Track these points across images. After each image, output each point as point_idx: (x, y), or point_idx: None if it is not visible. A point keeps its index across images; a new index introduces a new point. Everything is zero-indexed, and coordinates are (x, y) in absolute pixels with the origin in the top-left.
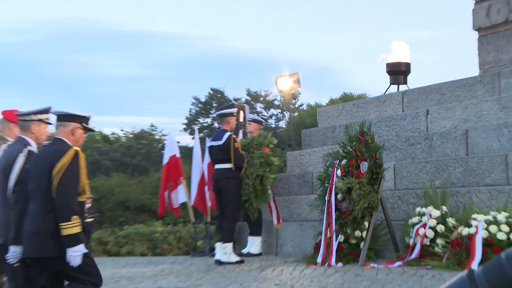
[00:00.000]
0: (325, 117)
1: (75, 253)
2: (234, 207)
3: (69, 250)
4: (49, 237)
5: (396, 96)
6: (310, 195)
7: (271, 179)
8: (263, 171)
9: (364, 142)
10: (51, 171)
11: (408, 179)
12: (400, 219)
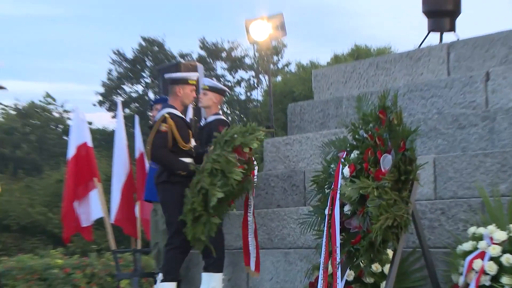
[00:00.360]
0: (325, 84)
1: None
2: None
3: None
4: None
5: (438, 50)
6: (300, 207)
7: (215, 200)
8: (209, 183)
9: (386, 123)
10: None
11: (456, 182)
12: (444, 246)
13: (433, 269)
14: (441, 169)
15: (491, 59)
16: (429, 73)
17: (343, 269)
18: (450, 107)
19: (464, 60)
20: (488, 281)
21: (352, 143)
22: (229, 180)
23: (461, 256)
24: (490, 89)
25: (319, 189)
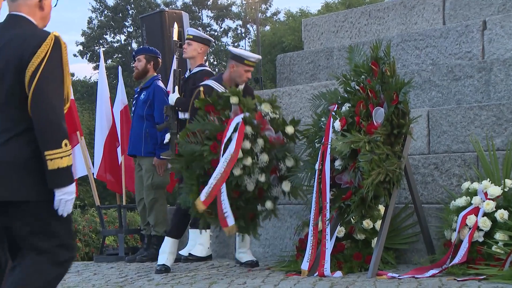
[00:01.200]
0: (315, 33)
1: (67, 196)
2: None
3: (60, 191)
4: (21, 170)
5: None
6: None
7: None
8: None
9: (379, 74)
10: (20, 70)
11: (450, 136)
12: (437, 201)
13: (425, 225)
14: (435, 122)
15: (488, 7)
16: (424, 22)
17: (333, 226)
18: (445, 58)
19: (460, 8)
20: (482, 237)
21: (344, 96)
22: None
23: (454, 212)
24: (487, 38)
25: (309, 143)
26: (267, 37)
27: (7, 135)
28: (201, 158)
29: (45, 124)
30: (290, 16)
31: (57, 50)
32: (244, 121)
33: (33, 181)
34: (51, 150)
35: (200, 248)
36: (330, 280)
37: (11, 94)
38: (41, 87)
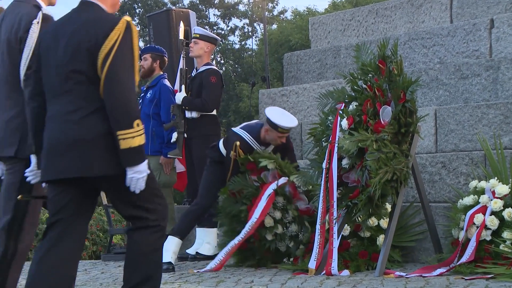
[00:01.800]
0: (322, 32)
1: (137, 175)
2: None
3: (131, 169)
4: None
5: None
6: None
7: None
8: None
9: (386, 73)
10: (93, 52)
11: (458, 134)
12: (444, 200)
13: (433, 224)
14: (443, 121)
15: (496, 5)
16: (431, 21)
17: (341, 225)
18: (452, 56)
19: (467, 6)
20: (489, 236)
21: (351, 94)
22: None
23: (462, 210)
24: (494, 37)
25: (317, 142)
26: (274, 36)
27: (82, 112)
28: (239, 217)
29: (117, 105)
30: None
31: (128, 34)
32: (276, 192)
33: (109, 156)
34: (123, 130)
35: (207, 247)
36: (337, 279)
37: (83, 75)
38: (113, 69)
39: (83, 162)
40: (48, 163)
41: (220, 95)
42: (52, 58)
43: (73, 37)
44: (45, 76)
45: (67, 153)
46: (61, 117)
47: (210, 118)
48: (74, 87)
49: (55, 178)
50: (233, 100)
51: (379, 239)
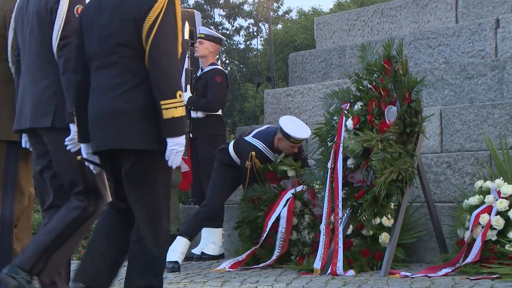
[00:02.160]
0: (327, 32)
1: (177, 147)
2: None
3: (172, 141)
4: (138, 120)
5: None
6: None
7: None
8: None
9: (391, 73)
10: (137, 24)
11: (463, 134)
12: (449, 200)
13: (438, 224)
14: (448, 121)
15: (501, 5)
16: (436, 21)
17: (346, 225)
18: (457, 56)
19: (473, 6)
20: (495, 236)
21: (356, 94)
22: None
23: (467, 210)
24: (500, 37)
25: (322, 142)
26: (279, 36)
27: (127, 85)
28: (256, 223)
29: (162, 75)
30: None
31: (171, 6)
32: (294, 196)
33: (149, 130)
34: (166, 100)
35: (212, 246)
36: (342, 279)
37: (129, 48)
38: (158, 41)
39: (119, 135)
40: (93, 134)
41: (226, 95)
42: (96, 31)
43: (117, 10)
44: (88, 49)
45: (107, 125)
46: (105, 90)
47: (216, 118)
48: (119, 60)
49: (96, 149)
50: (238, 100)
51: (381, 237)
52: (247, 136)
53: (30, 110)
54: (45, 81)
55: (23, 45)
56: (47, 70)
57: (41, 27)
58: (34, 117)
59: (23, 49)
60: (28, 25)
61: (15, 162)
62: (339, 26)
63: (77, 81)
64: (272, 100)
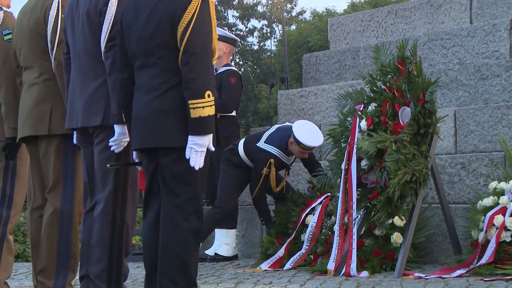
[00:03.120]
0: (341, 33)
1: (196, 147)
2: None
3: (193, 139)
4: (176, 119)
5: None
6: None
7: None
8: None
9: (405, 74)
10: (173, 25)
11: (477, 135)
12: (464, 201)
13: (452, 225)
14: (462, 122)
15: None
16: (451, 21)
17: (360, 226)
18: (472, 57)
19: (487, 7)
20: (509, 237)
21: (370, 95)
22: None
23: (481, 211)
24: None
25: (335, 143)
26: (292, 37)
27: (167, 85)
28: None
29: (191, 75)
30: (316, 16)
31: (205, 5)
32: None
33: (184, 128)
34: (194, 100)
35: (226, 248)
36: (356, 280)
37: (167, 49)
38: (191, 41)
39: (159, 134)
40: (135, 132)
41: (240, 96)
42: (134, 32)
43: (153, 11)
44: (130, 50)
45: (148, 124)
46: (146, 90)
47: (230, 119)
48: (158, 61)
49: (138, 147)
50: (252, 101)
51: (393, 237)
52: (260, 142)
53: (81, 109)
54: (96, 81)
55: (74, 44)
56: (98, 69)
57: (91, 28)
58: (86, 116)
59: (73, 48)
60: (79, 25)
61: (72, 157)
62: (353, 27)
63: (122, 79)
64: (285, 101)
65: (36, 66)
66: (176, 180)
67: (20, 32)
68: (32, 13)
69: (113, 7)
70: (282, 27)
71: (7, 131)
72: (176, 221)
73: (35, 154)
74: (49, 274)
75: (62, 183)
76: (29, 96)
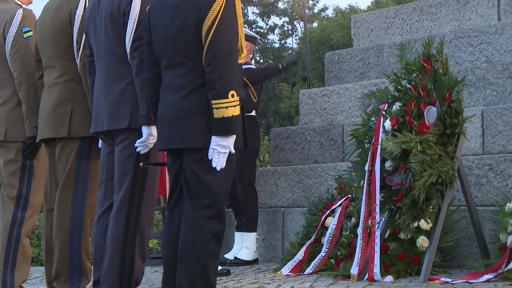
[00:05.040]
0: (365, 30)
1: (219, 148)
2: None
3: (215, 140)
4: (201, 119)
5: None
6: (339, 163)
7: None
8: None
9: (431, 72)
10: (198, 24)
11: (506, 136)
12: (491, 204)
13: (479, 228)
14: (490, 121)
15: None
16: (478, 18)
17: (384, 229)
18: (500, 55)
19: None
20: None
21: (394, 94)
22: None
23: (509, 214)
24: None
25: (359, 144)
26: (314, 34)
27: (192, 85)
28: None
29: (214, 75)
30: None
31: (231, 3)
32: (351, 199)
33: (210, 129)
34: (217, 100)
35: (246, 251)
36: (380, 285)
37: (192, 48)
38: (215, 40)
39: (184, 134)
40: (160, 133)
41: (260, 95)
42: (161, 31)
43: (178, 10)
44: (156, 49)
45: (174, 125)
46: (172, 90)
47: (249, 119)
48: (184, 61)
49: (163, 148)
50: (273, 101)
51: (418, 241)
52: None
53: (107, 112)
54: (122, 83)
55: (97, 45)
56: (124, 71)
57: (115, 28)
58: (112, 119)
59: (97, 50)
60: (102, 26)
61: (87, 160)
62: (377, 24)
63: (150, 78)
64: (307, 100)
65: (58, 66)
66: (198, 181)
67: (43, 30)
68: (57, 12)
69: (137, 6)
70: (304, 24)
71: (28, 130)
72: (197, 222)
73: (53, 154)
74: (63, 280)
75: (73, 185)
76: (50, 97)
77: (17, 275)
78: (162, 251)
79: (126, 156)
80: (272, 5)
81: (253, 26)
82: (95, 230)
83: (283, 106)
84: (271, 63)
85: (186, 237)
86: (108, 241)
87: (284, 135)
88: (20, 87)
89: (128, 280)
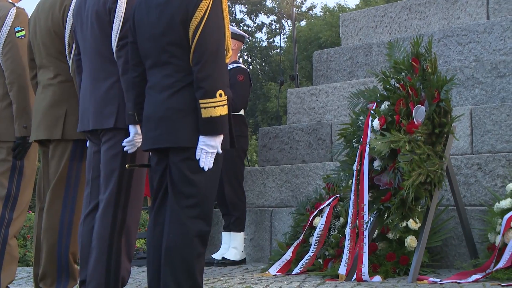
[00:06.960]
0: (353, 29)
1: (207, 148)
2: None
3: (203, 140)
4: (189, 118)
5: None
6: (327, 163)
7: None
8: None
9: (420, 71)
10: (185, 23)
11: (494, 135)
12: (480, 203)
13: (468, 228)
14: (479, 121)
15: None
16: (467, 17)
17: (372, 229)
18: (489, 54)
19: (505, 2)
20: None
21: (383, 94)
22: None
23: (498, 214)
24: None
25: (347, 143)
26: (303, 33)
27: (180, 84)
28: (299, 222)
29: (202, 74)
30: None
31: (218, 3)
32: (339, 199)
33: (197, 128)
34: (205, 99)
35: (234, 251)
36: (368, 285)
37: (179, 47)
38: (203, 40)
39: (172, 133)
40: (146, 132)
41: (248, 94)
42: (146, 30)
43: (165, 8)
44: (142, 48)
45: (160, 124)
46: (159, 89)
47: (238, 118)
48: (170, 60)
49: (149, 147)
50: (261, 100)
51: (407, 241)
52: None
53: (93, 111)
54: (107, 82)
55: (84, 44)
56: (110, 70)
57: (101, 27)
58: (97, 118)
59: (83, 49)
60: (88, 25)
61: (79, 162)
62: (365, 23)
63: (134, 77)
64: (295, 99)
65: (52, 66)
66: (185, 181)
67: (37, 30)
68: (51, 12)
69: (123, 4)
70: (292, 22)
71: (18, 131)
72: (182, 222)
73: (47, 154)
74: (50, 281)
75: (64, 187)
76: (45, 97)
77: (4, 275)
78: (147, 253)
79: (112, 156)
80: (259, 4)
81: (240, 25)
82: (81, 229)
83: (271, 105)
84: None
85: (171, 237)
86: (94, 241)
87: (272, 135)
88: (11, 87)
89: (114, 280)
